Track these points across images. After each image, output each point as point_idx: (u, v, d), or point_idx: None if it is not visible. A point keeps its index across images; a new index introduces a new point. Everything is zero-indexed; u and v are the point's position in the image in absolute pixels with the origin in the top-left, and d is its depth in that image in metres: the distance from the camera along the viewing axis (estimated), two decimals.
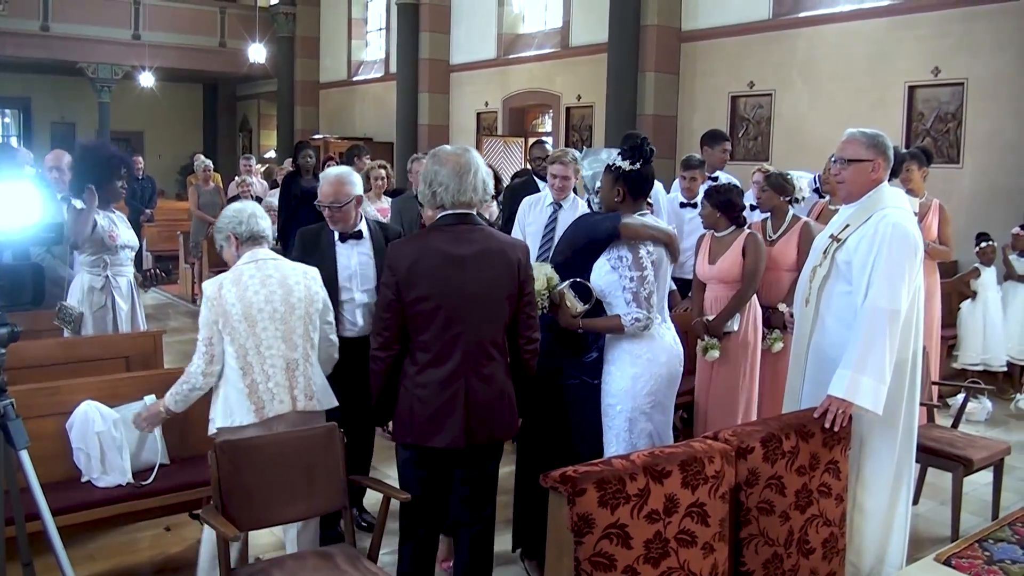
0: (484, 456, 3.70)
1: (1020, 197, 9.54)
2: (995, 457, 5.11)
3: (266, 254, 3.95)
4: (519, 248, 3.67)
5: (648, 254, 4.01)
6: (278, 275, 3.88)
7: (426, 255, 3.50)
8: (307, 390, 3.88)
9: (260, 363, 3.80)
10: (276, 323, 3.82)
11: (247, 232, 3.94)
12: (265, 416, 3.78)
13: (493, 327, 3.56)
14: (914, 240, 3.88)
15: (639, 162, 4.09)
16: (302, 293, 3.90)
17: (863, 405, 3.73)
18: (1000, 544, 4.13)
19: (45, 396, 4.27)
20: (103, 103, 22.12)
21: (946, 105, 10.49)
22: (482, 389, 3.55)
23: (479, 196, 3.57)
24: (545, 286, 4.00)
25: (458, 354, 3.51)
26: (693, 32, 13.25)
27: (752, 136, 12.66)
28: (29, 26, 20.18)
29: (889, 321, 3.77)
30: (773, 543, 3.48)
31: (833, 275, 4.06)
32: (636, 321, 3.94)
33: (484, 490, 3.77)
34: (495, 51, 17.18)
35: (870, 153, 4.00)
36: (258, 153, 24.93)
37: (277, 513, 3.58)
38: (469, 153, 3.62)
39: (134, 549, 4.70)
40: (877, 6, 11.15)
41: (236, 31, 22.86)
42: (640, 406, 4.04)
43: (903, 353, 3.95)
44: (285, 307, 3.85)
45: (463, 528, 3.79)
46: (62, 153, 6.47)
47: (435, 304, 3.48)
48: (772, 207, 5.73)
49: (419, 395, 3.55)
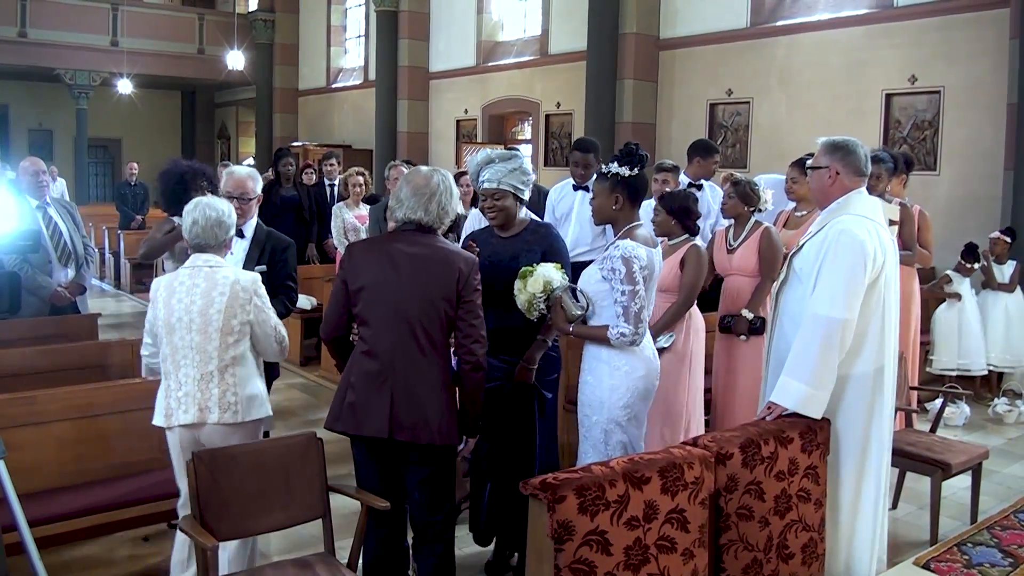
0: (433, 457, 3.71)
1: (996, 204, 9.60)
2: (973, 461, 5.13)
3: (206, 260, 3.88)
4: (466, 260, 3.72)
5: (641, 269, 3.95)
6: (205, 285, 3.81)
7: (373, 252, 3.76)
8: (222, 403, 3.79)
9: (175, 371, 3.80)
10: (192, 334, 3.77)
11: (192, 236, 3.91)
12: (172, 424, 3.80)
13: (426, 325, 3.63)
14: (862, 248, 3.79)
15: (637, 167, 4.07)
16: (222, 305, 3.79)
17: (789, 407, 3.77)
18: (979, 548, 4.15)
19: (21, 406, 4.23)
20: (81, 110, 22.01)
21: (923, 113, 10.56)
22: (411, 384, 3.62)
23: (431, 218, 3.71)
24: (542, 290, 4.01)
25: (389, 346, 3.62)
26: (671, 40, 13.30)
27: (730, 143, 12.70)
28: (6, 32, 20.04)
29: (826, 327, 3.74)
30: (753, 548, 3.48)
31: (790, 280, 4.09)
32: (622, 336, 3.91)
33: (440, 492, 3.80)
34: (474, 58, 17.19)
35: (826, 160, 3.99)
36: (237, 160, 24.80)
37: (255, 522, 3.56)
38: (434, 178, 3.75)
39: (112, 560, 4.66)
40: (854, 15, 11.23)
41: (214, 38, 22.79)
42: (615, 417, 4.02)
43: (857, 367, 3.89)
44: (202, 319, 3.77)
45: (425, 546, 3.83)
46: (37, 160, 6.43)
47: (372, 295, 3.65)
48: (736, 215, 5.68)
49: (353, 383, 3.68)
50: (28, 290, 5.97)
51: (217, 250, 3.93)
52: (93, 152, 24.21)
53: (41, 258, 6.12)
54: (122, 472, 4.41)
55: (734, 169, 10.39)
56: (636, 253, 3.95)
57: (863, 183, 4.04)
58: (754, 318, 5.41)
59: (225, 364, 3.80)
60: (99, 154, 25.53)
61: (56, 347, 5.42)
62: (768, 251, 5.48)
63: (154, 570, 4.58)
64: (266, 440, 3.72)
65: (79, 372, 5.05)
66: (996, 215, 9.50)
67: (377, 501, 3.61)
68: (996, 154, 9.70)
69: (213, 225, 3.88)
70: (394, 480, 3.78)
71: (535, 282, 4.00)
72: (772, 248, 5.48)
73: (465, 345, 3.68)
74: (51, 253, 6.23)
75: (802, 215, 6.10)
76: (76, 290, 6.40)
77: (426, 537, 3.81)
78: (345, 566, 3.55)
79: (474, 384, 3.75)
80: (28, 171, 6.31)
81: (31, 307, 6.08)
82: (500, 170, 4.28)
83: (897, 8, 10.78)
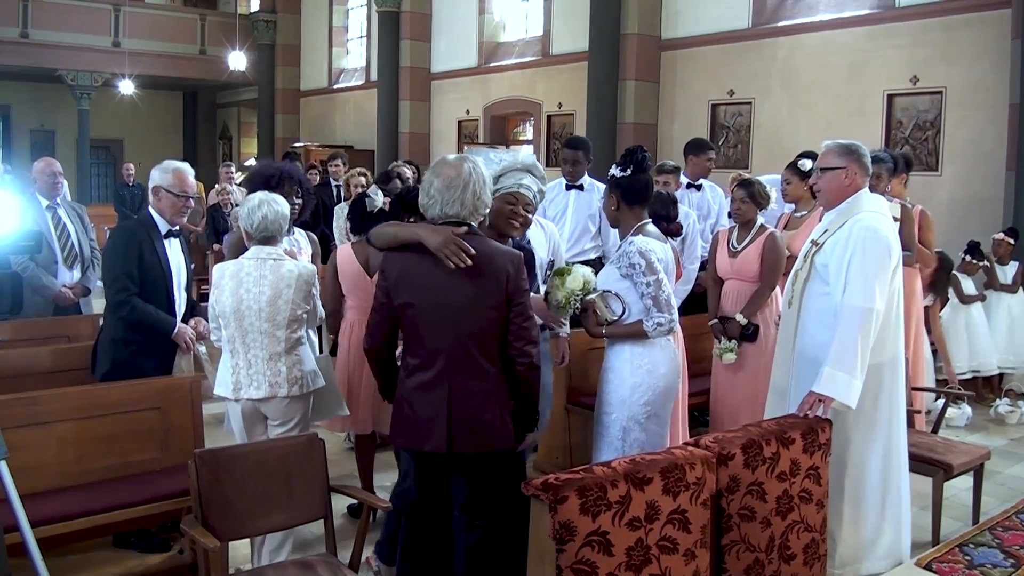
0: (481, 465, 3.60)
1: (998, 205, 9.59)
2: (975, 462, 5.13)
3: (269, 253, 4.23)
4: (511, 258, 3.53)
5: (659, 260, 4.05)
6: (272, 277, 4.17)
7: (414, 263, 3.50)
8: (290, 378, 4.20)
9: (244, 351, 4.19)
10: (261, 320, 4.15)
11: (258, 230, 4.23)
12: (240, 397, 4.19)
13: (479, 337, 3.48)
14: (886, 242, 4.03)
15: (629, 168, 4.09)
16: (289, 296, 4.19)
17: (835, 397, 3.87)
18: (980, 549, 4.16)
19: (23, 406, 4.23)
20: (83, 110, 21.97)
21: (925, 113, 10.55)
22: (468, 397, 3.49)
23: (467, 211, 3.50)
24: (582, 287, 4.06)
25: (442, 361, 3.49)
26: (673, 41, 13.30)
27: (732, 144, 12.71)
28: (8, 33, 20.01)
29: (862, 318, 3.91)
30: (754, 549, 3.49)
31: (812, 278, 4.21)
32: (659, 326, 3.98)
33: (481, 500, 3.66)
34: (476, 59, 17.18)
35: (842, 160, 4.17)
36: (238, 161, 24.79)
37: (258, 523, 3.56)
38: (465, 166, 3.53)
39: (115, 561, 4.66)
40: (856, 15, 11.22)
41: (216, 39, 22.76)
42: (635, 415, 4.06)
43: (880, 356, 4.07)
44: (271, 308, 4.15)
45: (459, 537, 3.71)
46: (53, 161, 6.44)
47: (420, 311, 3.48)
48: (748, 220, 5.59)
49: (408, 399, 3.56)
50: (33, 290, 5.98)
51: (275, 242, 4.31)
52: (95, 153, 24.17)
53: (47, 258, 6.13)
54: (124, 472, 4.40)
55: (736, 170, 10.37)
56: (650, 246, 4.05)
57: (867, 183, 4.25)
58: (747, 324, 5.37)
59: (291, 345, 4.23)
60: (101, 155, 25.50)
61: (58, 347, 5.43)
62: (771, 257, 5.44)
63: (154, 570, 4.58)
64: (268, 440, 3.74)
65: (81, 372, 5.05)
66: (998, 216, 9.49)
67: (379, 502, 3.61)
68: (998, 155, 9.68)
69: (279, 219, 4.27)
70: (439, 488, 3.67)
71: (575, 279, 4.06)
72: (776, 254, 5.45)
73: (518, 347, 3.50)
74: (57, 254, 6.24)
75: (801, 216, 6.10)
76: (81, 292, 6.40)
77: (466, 538, 3.68)
78: (347, 567, 3.55)
79: (529, 385, 3.58)
80: (44, 172, 6.31)
81: (36, 307, 6.09)
82: (537, 184, 4.06)
83: (899, 9, 10.77)
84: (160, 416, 4.55)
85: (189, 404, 4.63)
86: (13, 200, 3.72)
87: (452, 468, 3.63)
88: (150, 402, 4.53)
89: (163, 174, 4.78)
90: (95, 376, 4.81)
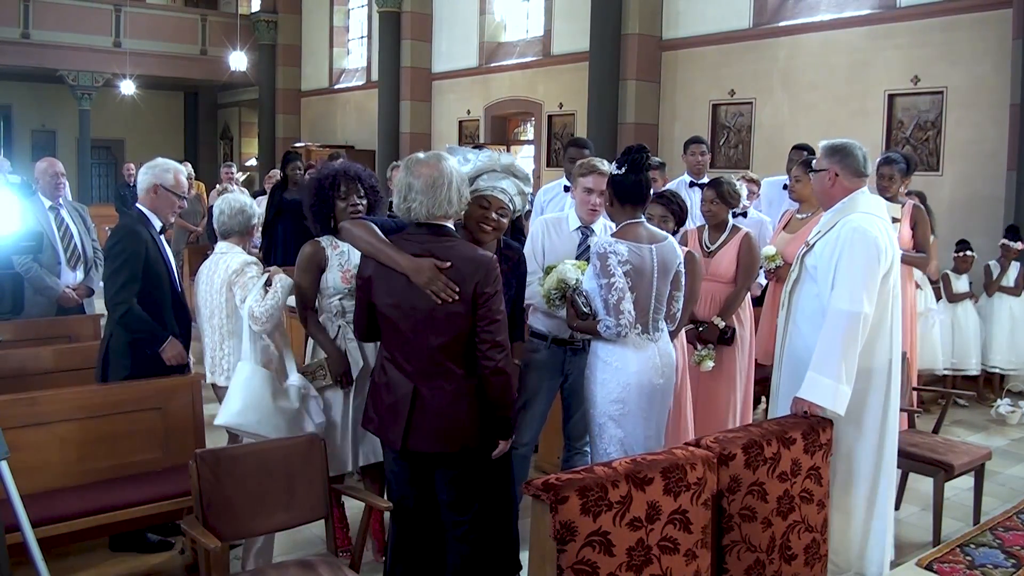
0: (465, 458, 3.56)
1: (999, 205, 9.59)
2: (976, 462, 5.13)
3: (221, 248, 4.61)
4: (481, 263, 3.44)
5: (620, 263, 3.94)
6: (208, 270, 4.60)
7: (385, 269, 3.49)
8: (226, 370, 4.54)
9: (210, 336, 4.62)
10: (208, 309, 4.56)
11: (222, 227, 4.61)
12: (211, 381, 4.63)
13: (445, 339, 3.43)
14: (875, 244, 3.92)
15: (623, 167, 4.09)
16: (219, 285, 4.52)
17: (819, 403, 3.82)
18: (981, 549, 4.15)
19: (24, 406, 4.23)
20: (84, 111, 21.97)
21: (926, 113, 10.55)
22: (432, 399, 3.46)
23: (455, 208, 3.48)
24: (556, 287, 4.16)
25: (408, 361, 3.50)
26: (674, 41, 13.31)
27: (733, 144, 12.71)
28: (9, 33, 20.03)
29: (848, 322, 3.84)
30: (755, 549, 3.48)
31: (803, 279, 4.17)
32: (606, 328, 3.97)
33: (467, 493, 3.62)
34: (477, 59, 17.20)
35: (825, 163, 4.14)
36: (239, 161, 24.84)
37: (259, 523, 3.56)
38: (443, 163, 3.46)
39: (115, 561, 4.66)
40: (857, 15, 11.22)
41: (217, 39, 22.78)
42: (608, 412, 4.05)
43: (875, 360, 4.00)
44: (212, 299, 4.54)
45: (451, 545, 3.69)
46: (55, 161, 6.45)
47: (389, 312, 3.50)
48: (720, 221, 5.50)
49: (379, 390, 3.61)
50: (37, 291, 5.99)
51: (239, 238, 4.63)
52: (96, 153, 24.17)
53: (51, 259, 6.13)
54: (125, 473, 4.40)
55: (736, 170, 10.37)
56: (614, 248, 3.97)
57: (864, 183, 4.15)
58: (725, 327, 5.27)
59: (223, 336, 4.54)
60: (102, 155, 25.49)
61: (59, 347, 5.43)
62: (748, 258, 5.37)
63: (155, 571, 4.58)
64: (269, 441, 3.72)
65: (82, 373, 5.05)
66: (999, 216, 9.49)
67: (380, 501, 3.60)
68: (999, 155, 9.69)
69: (228, 213, 4.57)
70: (424, 482, 3.65)
71: (551, 278, 4.20)
72: (752, 256, 5.40)
73: (482, 351, 3.43)
74: (60, 255, 6.25)
75: (803, 218, 5.88)
76: (84, 292, 6.41)
77: (453, 536, 3.67)
78: (348, 567, 3.55)
79: (496, 389, 3.47)
80: (47, 172, 6.32)
81: (39, 308, 6.09)
82: (516, 187, 4.01)
83: (899, 9, 10.77)
84: (161, 416, 4.56)
85: (190, 404, 4.64)
86: (14, 200, 3.72)
87: (431, 466, 3.62)
88: (151, 402, 4.53)
89: (164, 173, 4.78)
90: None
